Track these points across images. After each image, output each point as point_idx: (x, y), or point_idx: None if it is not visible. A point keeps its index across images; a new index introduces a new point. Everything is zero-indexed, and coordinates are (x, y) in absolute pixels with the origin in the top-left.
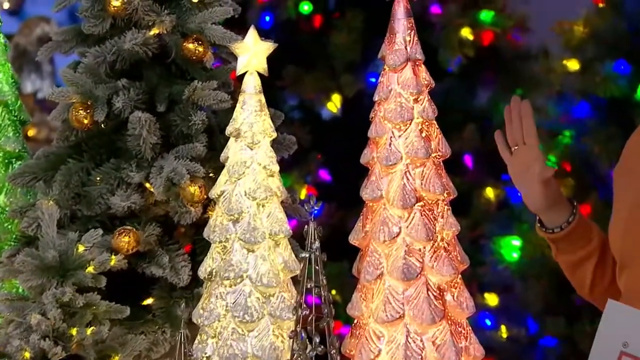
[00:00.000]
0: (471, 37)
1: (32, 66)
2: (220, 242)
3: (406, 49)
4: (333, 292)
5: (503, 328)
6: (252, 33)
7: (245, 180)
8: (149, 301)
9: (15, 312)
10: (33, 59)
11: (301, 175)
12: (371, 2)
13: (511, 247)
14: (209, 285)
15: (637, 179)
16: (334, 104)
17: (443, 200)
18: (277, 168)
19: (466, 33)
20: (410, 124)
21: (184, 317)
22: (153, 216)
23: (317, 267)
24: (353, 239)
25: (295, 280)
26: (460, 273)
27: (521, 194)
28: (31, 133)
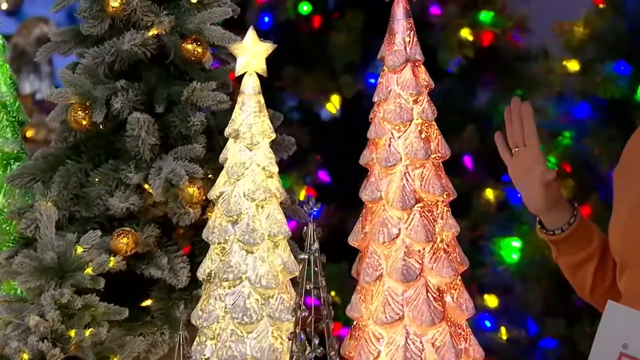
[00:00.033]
0: (471, 38)
1: (31, 67)
2: (219, 244)
3: (405, 50)
4: (332, 294)
5: (503, 329)
6: (251, 34)
7: (244, 181)
8: (148, 303)
9: (13, 314)
10: (31, 60)
11: (300, 176)
12: (370, 3)
13: (511, 249)
14: (208, 286)
15: (637, 180)
16: (333, 105)
17: (442, 201)
18: (276, 169)
19: (466, 34)
20: (409, 125)
21: (183, 319)
22: (152, 217)
23: (316, 269)
24: (352, 240)
25: (294, 281)
26: (459, 274)
27: (521, 195)
28: (29, 134)
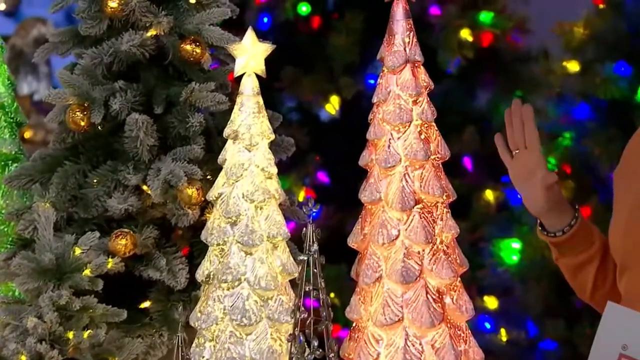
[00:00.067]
0: (470, 39)
1: (29, 68)
2: (218, 245)
3: (405, 51)
4: (331, 295)
5: (503, 331)
6: (250, 34)
7: (243, 182)
8: (146, 304)
9: (11, 316)
10: (29, 61)
11: (299, 177)
12: (370, 3)
13: (511, 250)
14: (207, 288)
15: (638, 181)
16: (333, 106)
17: (442, 202)
18: (275, 170)
19: (465, 34)
20: (409, 126)
21: (182, 321)
22: (150, 219)
23: (316, 270)
24: (352, 242)
25: (293, 283)
26: (459, 276)
27: (521, 197)
28: (27, 135)
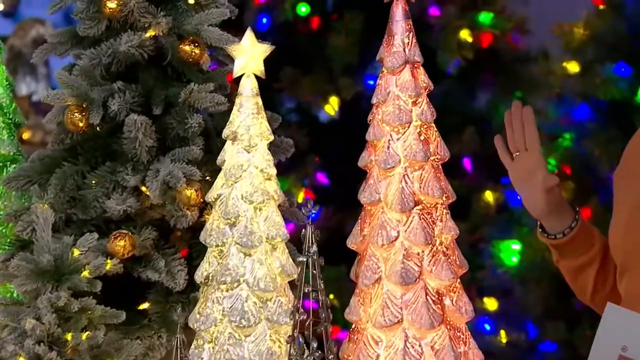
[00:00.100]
0: (470, 39)
1: (27, 68)
2: (216, 246)
3: (404, 51)
4: (331, 297)
5: (502, 333)
6: (249, 35)
7: (242, 183)
8: (145, 306)
9: (9, 317)
10: (28, 61)
11: (299, 178)
12: (369, 4)
13: (511, 251)
14: (206, 289)
15: (638, 182)
16: (332, 107)
17: (442, 203)
18: (274, 171)
19: (465, 35)
20: (408, 127)
21: (180, 322)
22: (149, 220)
23: (315, 271)
24: (351, 243)
25: (292, 284)
26: (459, 277)
27: (521, 198)
28: (26, 136)
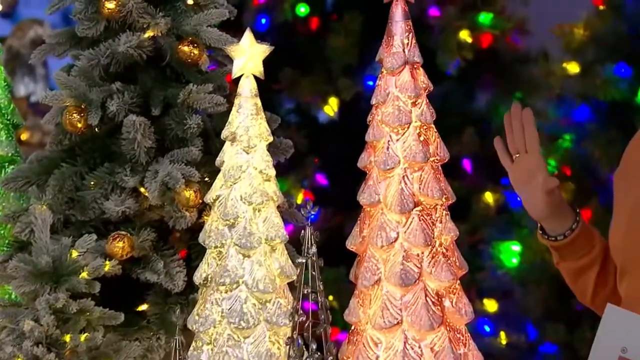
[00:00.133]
0: (470, 40)
1: (25, 69)
2: (215, 248)
3: (404, 52)
4: (330, 298)
5: (502, 334)
6: (248, 35)
7: (241, 184)
8: (144, 307)
9: (8, 319)
10: (26, 62)
11: (298, 179)
12: (369, 5)
13: (510, 253)
14: (204, 291)
15: (638, 183)
16: (331, 108)
17: (441, 204)
18: (274, 172)
19: (465, 35)
20: (408, 128)
21: (179, 324)
22: (148, 221)
23: (314, 273)
24: (350, 244)
25: (291, 286)
26: (459, 279)
27: (521, 199)
28: (24, 137)
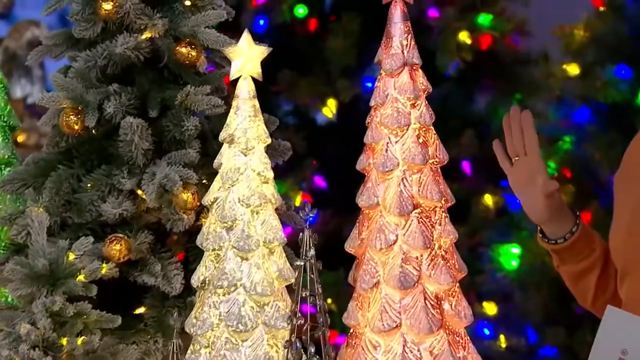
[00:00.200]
0: (469, 41)
1: (22, 71)
2: (213, 250)
3: (403, 53)
4: (329, 301)
5: (502, 338)
6: (246, 37)
7: (239, 186)
8: (141, 310)
9: (4, 322)
10: (23, 64)
11: (296, 181)
12: (367, 6)
13: (510, 255)
14: (202, 294)
15: (638, 185)
16: (330, 109)
17: (441, 207)
18: (272, 174)
19: (464, 37)
20: (407, 130)
21: (177, 327)
22: (145, 223)
23: (313, 276)
24: (349, 247)
25: (290, 288)
26: (458, 281)
27: (521, 202)
28: (21, 139)
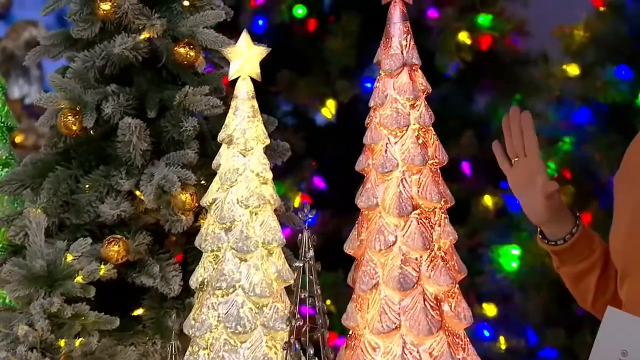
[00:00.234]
0: (469, 42)
1: (20, 71)
2: (212, 252)
3: (402, 54)
4: (328, 303)
5: (502, 339)
6: (245, 37)
7: (238, 188)
8: (140, 312)
9: (2, 323)
10: (21, 64)
11: (295, 182)
12: (367, 6)
13: (510, 257)
14: (201, 295)
15: (639, 186)
16: (329, 110)
17: (440, 208)
18: (271, 175)
19: (464, 37)
20: (406, 131)
21: (175, 328)
22: (143, 225)
23: (312, 277)
24: (348, 248)
25: (289, 290)
26: (458, 283)
27: (521, 203)
28: (19, 140)
